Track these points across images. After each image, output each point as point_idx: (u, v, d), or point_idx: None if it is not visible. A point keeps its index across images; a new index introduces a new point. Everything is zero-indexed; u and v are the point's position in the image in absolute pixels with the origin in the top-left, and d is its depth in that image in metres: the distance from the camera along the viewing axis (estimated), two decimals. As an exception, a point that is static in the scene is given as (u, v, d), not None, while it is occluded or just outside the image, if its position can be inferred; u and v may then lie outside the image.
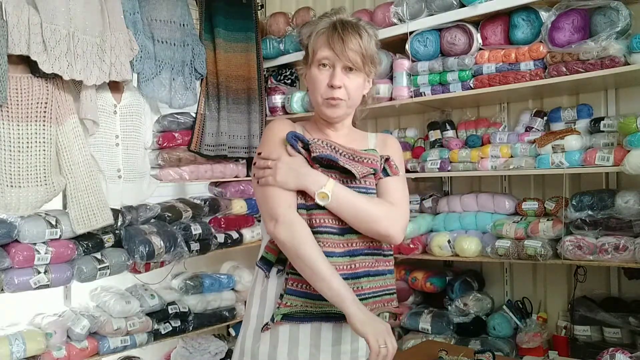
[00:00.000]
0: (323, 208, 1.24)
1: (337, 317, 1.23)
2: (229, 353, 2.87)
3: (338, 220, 1.26)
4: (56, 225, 2.12)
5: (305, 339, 1.27)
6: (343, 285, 1.18)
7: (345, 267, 1.25)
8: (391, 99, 2.65)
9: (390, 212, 1.28)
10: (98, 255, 2.26)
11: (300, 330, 1.27)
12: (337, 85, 1.27)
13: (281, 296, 1.26)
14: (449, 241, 2.47)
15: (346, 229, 1.26)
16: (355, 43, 1.26)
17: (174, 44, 2.59)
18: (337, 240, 1.25)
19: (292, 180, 1.25)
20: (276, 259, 1.31)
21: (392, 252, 1.36)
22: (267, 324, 1.26)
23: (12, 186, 2.03)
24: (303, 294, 1.25)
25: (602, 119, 2.21)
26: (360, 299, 1.21)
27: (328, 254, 1.22)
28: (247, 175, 2.96)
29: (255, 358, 1.29)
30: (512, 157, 2.36)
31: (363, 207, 1.25)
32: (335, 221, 1.25)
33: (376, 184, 1.34)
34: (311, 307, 1.25)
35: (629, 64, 2.02)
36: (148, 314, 2.41)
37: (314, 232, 1.24)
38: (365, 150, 1.36)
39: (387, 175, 1.35)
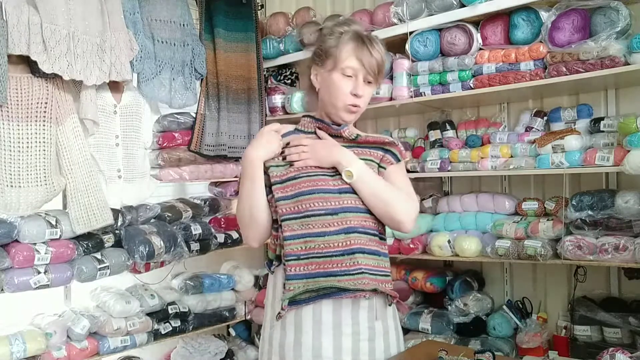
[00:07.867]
0: (309, 194, 1.36)
1: (335, 292, 1.34)
2: (229, 353, 2.88)
3: (329, 202, 1.36)
4: (56, 225, 2.12)
5: (308, 323, 1.36)
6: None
7: (340, 244, 1.34)
8: (391, 99, 2.64)
9: (406, 202, 1.42)
10: (98, 255, 2.26)
11: (303, 315, 1.36)
12: (361, 94, 1.43)
13: (284, 285, 1.35)
14: (449, 241, 2.47)
15: (339, 208, 1.36)
16: (380, 58, 1.43)
17: (174, 44, 2.58)
18: (331, 220, 1.35)
19: (326, 156, 1.40)
20: (275, 256, 1.44)
21: (385, 237, 1.48)
22: (279, 312, 1.36)
23: (12, 186, 2.03)
24: (302, 276, 1.34)
25: (602, 119, 2.20)
26: (357, 273, 1.33)
27: (320, 234, 1.33)
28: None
29: (270, 343, 1.42)
30: (512, 157, 2.36)
31: (383, 190, 1.39)
32: (325, 203, 1.36)
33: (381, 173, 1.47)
34: (311, 285, 1.33)
35: (629, 64, 2.01)
36: (148, 314, 2.41)
37: (304, 217, 1.35)
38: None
39: (398, 160, 1.50)
